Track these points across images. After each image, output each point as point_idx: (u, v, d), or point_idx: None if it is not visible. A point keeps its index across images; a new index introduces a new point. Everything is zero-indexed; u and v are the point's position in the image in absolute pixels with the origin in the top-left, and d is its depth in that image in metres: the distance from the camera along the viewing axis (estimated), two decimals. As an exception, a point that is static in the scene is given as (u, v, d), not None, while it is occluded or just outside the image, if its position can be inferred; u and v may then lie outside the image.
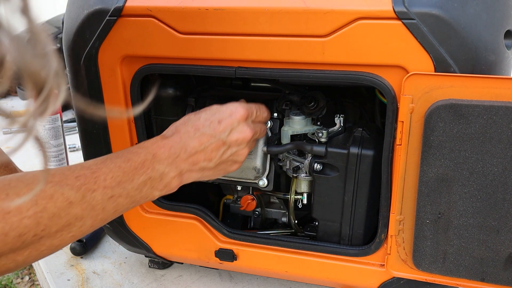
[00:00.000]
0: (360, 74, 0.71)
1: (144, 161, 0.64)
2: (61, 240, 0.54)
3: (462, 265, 0.73)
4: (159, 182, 0.65)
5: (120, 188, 0.60)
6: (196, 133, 0.70)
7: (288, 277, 0.93)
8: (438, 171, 0.69)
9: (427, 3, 0.64)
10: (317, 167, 0.83)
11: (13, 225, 0.48)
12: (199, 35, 0.75)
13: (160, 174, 0.65)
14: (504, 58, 0.68)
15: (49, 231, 0.52)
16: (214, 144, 0.70)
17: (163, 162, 0.66)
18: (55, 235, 0.53)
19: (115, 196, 0.59)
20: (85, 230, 0.57)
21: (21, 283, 2.37)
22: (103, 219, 0.59)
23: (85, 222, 0.56)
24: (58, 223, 0.52)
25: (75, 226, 0.55)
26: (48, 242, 0.52)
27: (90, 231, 0.58)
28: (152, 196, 0.66)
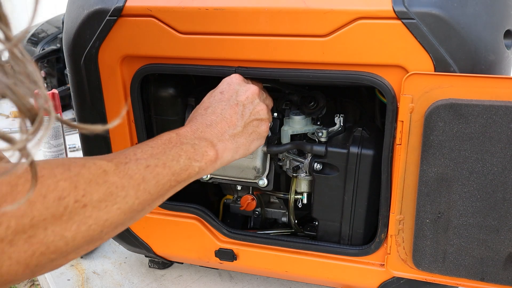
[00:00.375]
0: (360, 74, 0.71)
1: (170, 139, 0.62)
2: (108, 213, 0.50)
3: (462, 264, 0.73)
4: (193, 153, 0.62)
5: (154, 158, 0.57)
6: (207, 110, 0.70)
7: (288, 277, 0.93)
8: (438, 170, 0.69)
9: (427, 3, 0.64)
10: (317, 167, 0.83)
11: (50, 187, 0.46)
12: (199, 35, 0.75)
13: (191, 145, 0.63)
14: (504, 57, 0.68)
15: (91, 199, 0.49)
16: (229, 109, 0.70)
17: (189, 137, 0.64)
18: (99, 205, 0.49)
19: (151, 166, 0.56)
20: (131, 202, 0.53)
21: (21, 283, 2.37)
22: (146, 190, 0.55)
23: (128, 192, 0.52)
24: (98, 190, 0.50)
25: (118, 196, 0.52)
26: (95, 214, 0.49)
27: (138, 205, 0.54)
28: (192, 168, 0.61)
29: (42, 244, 0.45)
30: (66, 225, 0.47)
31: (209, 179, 0.90)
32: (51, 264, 0.48)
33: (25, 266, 0.44)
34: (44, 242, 0.45)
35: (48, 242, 0.46)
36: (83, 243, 0.49)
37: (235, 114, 0.70)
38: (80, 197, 0.48)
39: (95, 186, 0.50)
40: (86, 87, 0.83)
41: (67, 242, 0.47)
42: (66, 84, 2.03)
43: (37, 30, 2.31)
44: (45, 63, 2.06)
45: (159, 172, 0.57)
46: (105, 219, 0.50)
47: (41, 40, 2.19)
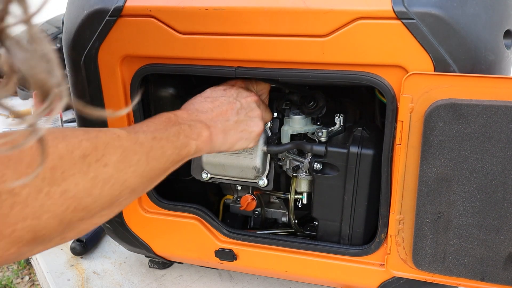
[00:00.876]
0: (360, 74, 0.71)
1: (169, 118, 0.68)
2: (126, 174, 0.54)
3: (462, 264, 0.73)
4: (190, 131, 0.67)
5: (159, 132, 0.62)
6: (206, 100, 0.75)
7: (288, 277, 0.93)
8: (437, 170, 0.69)
9: (426, 3, 0.64)
10: (317, 167, 0.83)
11: (75, 145, 0.49)
12: (199, 35, 0.75)
13: (188, 125, 0.68)
14: (503, 57, 0.68)
15: (110, 159, 0.52)
16: (226, 104, 0.75)
17: (185, 118, 0.70)
18: (118, 166, 0.53)
19: (157, 138, 0.61)
20: (144, 167, 0.57)
21: (21, 283, 2.37)
22: (155, 158, 0.60)
23: (140, 157, 0.57)
24: (115, 152, 0.53)
25: (132, 159, 0.56)
26: (115, 174, 0.53)
27: (148, 172, 0.58)
28: (190, 146, 0.67)
29: (75, 200, 0.48)
30: (93, 182, 0.50)
31: (209, 179, 0.90)
32: (79, 225, 0.50)
33: (59, 221, 0.47)
34: (75, 198, 0.48)
35: (79, 197, 0.48)
36: (106, 202, 0.52)
37: (231, 109, 0.75)
38: (100, 156, 0.52)
39: (112, 149, 0.54)
40: (86, 87, 0.83)
41: (94, 199, 0.50)
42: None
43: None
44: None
45: (163, 144, 0.62)
46: (124, 179, 0.54)
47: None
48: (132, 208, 0.93)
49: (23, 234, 0.44)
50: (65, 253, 1.13)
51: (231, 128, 0.74)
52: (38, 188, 0.45)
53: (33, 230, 0.45)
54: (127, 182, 0.55)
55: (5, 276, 2.42)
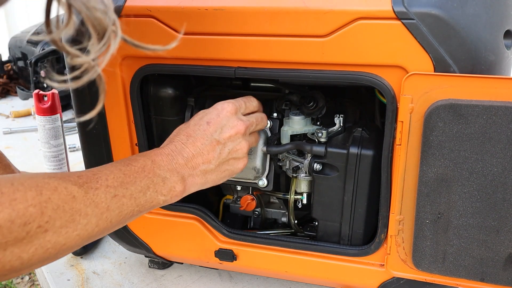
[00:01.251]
0: (360, 74, 0.71)
1: (144, 166, 0.64)
2: (67, 238, 0.53)
3: (462, 265, 0.73)
4: (162, 186, 0.65)
5: (123, 188, 0.60)
6: (188, 139, 0.71)
7: (288, 277, 0.93)
8: (437, 171, 0.69)
9: (426, 3, 0.64)
10: (316, 167, 0.83)
11: (19, 212, 0.48)
12: (199, 35, 0.75)
13: (162, 178, 0.65)
14: (503, 58, 0.68)
15: (53, 224, 0.51)
16: (208, 146, 0.71)
17: (163, 168, 0.66)
18: (60, 231, 0.52)
19: (118, 196, 0.59)
20: (91, 230, 0.56)
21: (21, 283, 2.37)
22: (108, 219, 0.58)
23: (90, 220, 0.55)
24: (62, 217, 0.52)
25: (80, 223, 0.54)
26: (54, 239, 0.52)
27: (96, 233, 0.57)
28: (157, 201, 0.65)
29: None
30: (25, 247, 0.49)
31: (209, 179, 0.90)
32: (2, 279, 0.50)
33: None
34: (1, 261, 0.48)
35: (5, 261, 0.48)
36: (37, 263, 0.52)
37: (213, 151, 0.71)
38: (43, 223, 0.50)
39: (60, 213, 0.52)
40: (86, 87, 0.83)
41: (23, 262, 0.50)
42: (66, 84, 2.03)
43: (37, 30, 2.31)
44: (45, 63, 2.06)
45: (124, 202, 0.60)
46: (63, 243, 0.53)
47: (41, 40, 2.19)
48: (132, 208, 0.93)
49: None
50: (65, 253, 1.13)
51: (212, 171, 0.72)
52: None
53: None
54: (66, 245, 0.54)
55: (5, 276, 2.41)
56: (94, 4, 0.44)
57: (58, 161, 1.26)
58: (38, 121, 1.21)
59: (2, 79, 2.46)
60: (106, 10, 0.45)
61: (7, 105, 2.32)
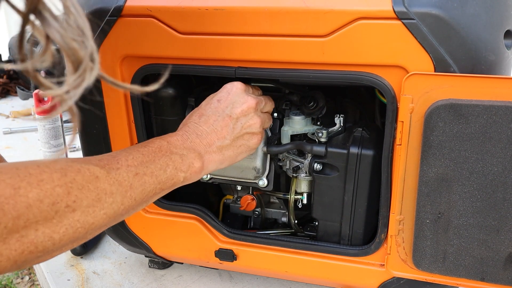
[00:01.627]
0: (360, 74, 0.71)
1: (161, 146, 0.66)
2: (95, 217, 0.54)
3: (462, 264, 0.73)
4: (180, 163, 0.66)
5: (143, 167, 0.61)
6: (201, 118, 0.73)
7: (288, 277, 0.93)
8: (438, 171, 0.69)
9: (427, 3, 0.64)
10: (317, 167, 0.83)
11: (47, 192, 0.49)
12: (199, 35, 0.75)
13: (179, 155, 0.66)
14: (504, 58, 0.68)
15: (81, 204, 0.52)
16: (221, 122, 0.72)
17: (179, 147, 0.68)
18: (87, 210, 0.53)
19: (139, 174, 0.60)
20: (117, 208, 0.57)
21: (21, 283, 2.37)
22: (132, 197, 0.59)
23: (115, 198, 0.56)
24: (88, 196, 0.53)
25: (106, 202, 0.55)
26: (82, 218, 0.52)
27: (122, 211, 0.58)
28: (177, 178, 0.65)
29: (32, 244, 0.48)
30: (55, 227, 0.50)
31: (209, 179, 0.90)
32: (37, 260, 0.50)
33: (13, 262, 0.47)
34: (34, 242, 0.48)
35: (38, 242, 0.49)
36: (68, 243, 0.52)
37: (226, 127, 0.72)
38: (71, 202, 0.51)
39: (86, 193, 0.53)
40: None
41: (54, 243, 0.50)
42: (66, 84, 2.03)
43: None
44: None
45: (146, 180, 0.61)
46: (91, 222, 0.54)
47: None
48: (132, 208, 0.93)
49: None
50: (65, 253, 1.13)
51: (228, 147, 0.72)
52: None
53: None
54: (95, 224, 0.54)
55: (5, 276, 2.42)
56: (71, 34, 0.42)
57: (58, 161, 1.26)
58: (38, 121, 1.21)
59: (2, 79, 2.46)
60: (84, 40, 0.43)
61: (7, 105, 2.32)
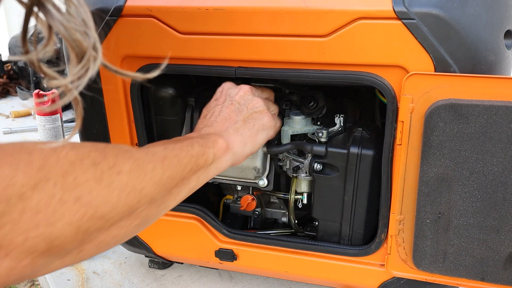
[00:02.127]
0: (360, 74, 0.71)
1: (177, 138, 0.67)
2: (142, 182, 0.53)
3: (462, 264, 0.73)
4: (204, 141, 0.65)
5: (170, 144, 0.61)
6: (206, 117, 0.75)
7: (288, 277, 0.93)
8: (438, 170, 0.69)
9: (427, 3, 0.64)
10: (317, 167, 0.83)
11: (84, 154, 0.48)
12: (199, 35, 0.75)
13: (200, 137, 0.67)
14: (504, 58, 0.68)
15: (122, 168, 0.50)
16: (226, 110, 0.75)
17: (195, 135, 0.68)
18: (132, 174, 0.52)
19: (169, 148, 0.59)
20: (160, 174, 0.56)
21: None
22: (171, 167, 0.58)
23: (155, 165, 0.55)
24: (126, 162, 0.51)
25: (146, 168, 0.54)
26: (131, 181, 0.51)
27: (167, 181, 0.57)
28: (207, 155, 0.64)
29: (90, 207, 0.46)
30: (108, 189, 0.48)
31: (209, 179, 0.90)
32: (98, 236, 0.48)
33: (76, 229, 0.45)
34: (91, 205, 0.46)
35: (95, 205, 0.46)
36: (123, 212, 0.50)
37: (233, 112, 0.74)
38: (112, 165, 0.49)
39: (122, 159, 0.51)
40: (86, 87, 0.83)
41: (111, 208, 0.48)
42: (66, 84, 2.03)
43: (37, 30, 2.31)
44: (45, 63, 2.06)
45: (177, 153, 0.60)
46: (141, 187, 0.52)
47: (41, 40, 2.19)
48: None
49: (36, 243, 0.42)
50: (65, 253, 1.13)
51: (242, 128, 0.73)
52: (50, 194, 0.42)
53: (47, 238, 0.42)
54: (145, 190, 0.53)
55: (5, 276, 2.42)
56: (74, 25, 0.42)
57: (58, 161, 1.26)
58: (38, 121, 1.21)
59: (2, 79, 2.46)
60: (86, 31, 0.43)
61: (7, 105, 2.32)
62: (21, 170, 0.41)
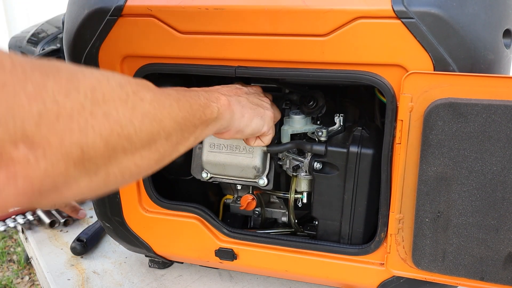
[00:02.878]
0: (360, 73, 0.71)
1: (182, 88, 0.66)
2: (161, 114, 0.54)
3: (462, 264, 0.73)
4: (208, 95, 0.66)
5: (179, 91, 0.61)
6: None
7: (288, 276, 0.94)
8: (437, 169, 0.69)
9: (426, 2, 0.64)
10: (317, 166, 0.83)
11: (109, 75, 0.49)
12: (199, 35, 0.75)
13: (204, 91, 0.67)
14: (503, 57, 0.68)
15: (144, 96, 0.51)
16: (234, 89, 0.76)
17: (199, 89, 0.68)
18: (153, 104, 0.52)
19: (180, 93, 0.60)
20: (177, 112, 0.57)
21: (21, 283, 2.37)
22: (185, 108, 0.59)
23: (171, 102, 0.56)
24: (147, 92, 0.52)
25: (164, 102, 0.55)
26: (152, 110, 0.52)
27: (181, 120, 0.57)
28: (212, 107, 0.65)
29: (118, 124, 0.46)
30: (133, 112, 0.49)
31: (209, 178, 0.90)
32: (123, 159, 0.49)
33: (105, 143, 0.45)
34: (119, 122, 0.47)
35: (122, 123, 0.47)
36: (145, 139, 0.51)
37: (240, 90, 0.77)
38: (135, 91, 0.50)
39: (143, 88, 0.52)
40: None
41: (136, 130, 0.49)
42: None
43: (37, 30, 2.31)
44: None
45: (188, 99, 0.61)
46: (160, 118, 0.53)
47: (41, 40, 2.19)
48: (132, 208, 0.93)
49: (71, 149, 0.42)
50: (65, 252, 1.13)
51: (244, 103, 0.74)
52: (81, 104, 0.43)
53: (80, 146, 0.43)
54: (163, 122, 0.54)
55: (5, 276, 2.42)
56: None
57: (59, 161, 1.26)
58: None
59: (2, 80, 2.46)
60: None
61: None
62: (51, 78, 0.42)
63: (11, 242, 2.75)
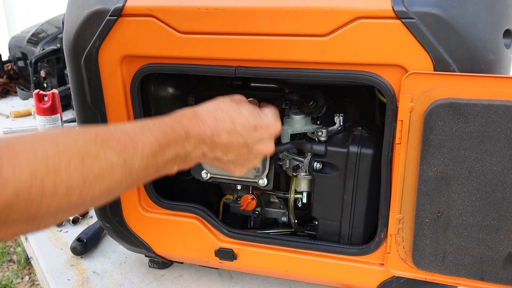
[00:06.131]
0: (360, 73, 0.71)
1: (178, 138, 0.65)
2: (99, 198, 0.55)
3: (462, 264, 0.73)
4: (182, 161, 0.67)
5: (153, 160, 0.61)
6: (230, 126, 0.70)
7: (288, 276, 0.94)
8: (437, 170, 0.69)
9: (426, 3, 0.64)
10: (316, 166, 0.83)
11: (63, 182, 0.50)
12: (199, 35, 0.75)
13: (186, 153, 0.66)
14: (503, 57, 0.68)
15: (93, 192, 0.53)
16: (238, 145, 0.71)
17: (192, 141, 0.67)
18: (98, 197, 0.54)
19: (148, 168, 0.61)
20: (118, 193, 0.59)
21: (21, 283, 2.37)
22: (133, 184, 0.60)
23: (121, 186, 0.57)
24: (101, 185, 0.53)
25: (115, 190, 0.57)
26: (88, 199, 0.53)
27: (120, 193, 0.59)
28: (171, 171, 0.66)
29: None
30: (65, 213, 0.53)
31: (209, 178, 0.90)
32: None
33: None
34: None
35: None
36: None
37: (237, 152, 0.72)
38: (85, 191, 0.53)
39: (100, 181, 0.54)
40: (86, 87, 0.83)
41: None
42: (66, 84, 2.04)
43: (37, 30, 2.31)
44: (45, 63, 2.06)
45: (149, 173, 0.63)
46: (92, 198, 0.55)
47: (41, 40, 2.19)
48: (132, 208, 0.93)
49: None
50: (65, 253, 1.13)
51: (220, 162, 0.72)
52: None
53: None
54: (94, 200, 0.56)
55: (5, 276, 2.42)
56: None
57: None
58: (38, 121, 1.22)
59: (2, 79, 2.46)
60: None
61: (7, 105, 2.32)
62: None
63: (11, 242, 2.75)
